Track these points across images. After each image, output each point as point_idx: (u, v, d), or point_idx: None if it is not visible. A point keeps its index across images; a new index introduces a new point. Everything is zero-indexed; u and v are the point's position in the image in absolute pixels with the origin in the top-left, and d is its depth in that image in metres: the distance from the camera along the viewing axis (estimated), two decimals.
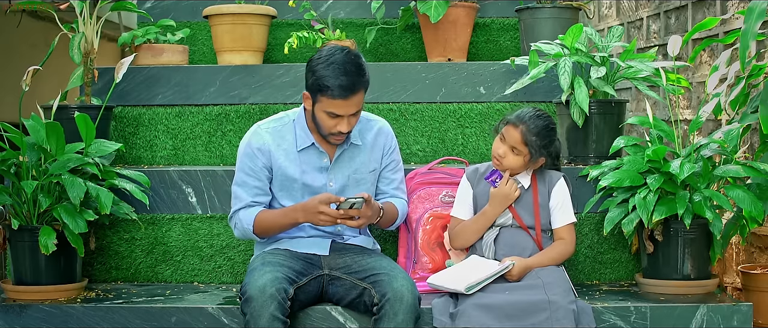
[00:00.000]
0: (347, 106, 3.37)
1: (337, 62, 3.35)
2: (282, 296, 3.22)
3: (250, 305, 3.20)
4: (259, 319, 3.17)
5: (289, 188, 3.53)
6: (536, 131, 3.46)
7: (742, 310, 3.44)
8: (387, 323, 3.23)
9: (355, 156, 3.58)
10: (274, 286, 3.21)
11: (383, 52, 5.04)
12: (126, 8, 4.22)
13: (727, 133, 3.68)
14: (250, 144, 3.52)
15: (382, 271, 3.34)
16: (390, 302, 3.24)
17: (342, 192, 3.55)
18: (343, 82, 3.33)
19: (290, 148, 3.52)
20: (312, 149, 3.53)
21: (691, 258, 3.61)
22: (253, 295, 3.20)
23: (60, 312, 3.51)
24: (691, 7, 5.26)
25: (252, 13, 4.55)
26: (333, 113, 3.38)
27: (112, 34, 7.31)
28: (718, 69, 3.90)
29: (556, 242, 3.55)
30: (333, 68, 3.34)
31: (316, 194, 3.49)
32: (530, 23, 4.53)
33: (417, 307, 3.27)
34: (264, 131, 3.54)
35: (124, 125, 4.40)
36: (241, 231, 3.54)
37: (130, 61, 3.90)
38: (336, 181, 3.55)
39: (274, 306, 3.18)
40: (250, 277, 3.29)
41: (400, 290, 3.25)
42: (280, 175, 3.52)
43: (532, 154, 3.48)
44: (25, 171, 3.61)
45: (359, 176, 3.58)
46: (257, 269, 3.33)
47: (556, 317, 3.20)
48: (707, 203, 3.53)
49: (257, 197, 3.53)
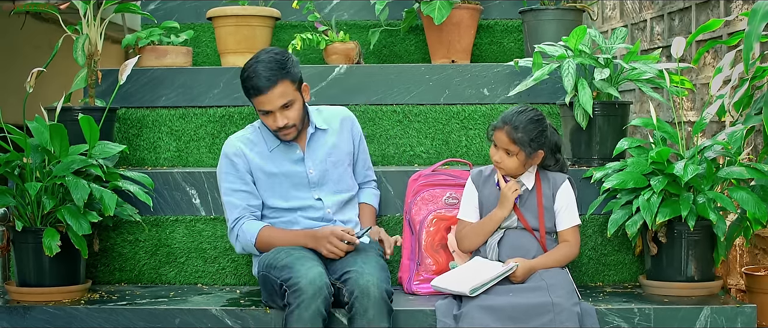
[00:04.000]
0: (271, 100, 3.51)
1: (251, 64, 3.53)
2: (329, 290, 3.26)
3: (299, 296, 3.20)
4: (306, 310, 3.18)
5: (272, 184, 3.62)
6: (521, 127, 3.46)
7: (746, 312, 3.43)
8: (359, 322, 3.23)
9: (326, 140, 3.69)
10: (323, 280, 3.25)
11: (387, 53, 5.04)
12: (130, 10, 4.22)
13: (731, 135, 3.68)
14: (226, 154, 3.65)
15: (352, 268, 3.34)
16: (358, 299, 3.24)
17: (323, 176, 3.65)
18: (247, 83, 3.52)
19: (263, 151, 3.65)
20: (282, 146, 3.65)
21: (695, 260, 3.61)
22: (303, 286, 3.21)
23: (64, 314, 3.51)
24: (695, 8, 5.25)
25: (256, 15, 4.56)
26: (263, 110, 3.54)
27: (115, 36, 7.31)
28: (721, 71, 3.89)
29: (561, 245, 3.55)
30: (250, 71, 3.52)
31: (297, 183, 3.62)
32: (534, 25, 4.53)
33: (386, 300, 3.25)
34: (236, 140, 3.68)
35: (128, 127, 4.41)
36: (243, 244, 3.58)
37: (134, 63, 3.90)
38: (315, 167, 3.65)
39: (321, 300, 3.21)
40: (296, 267, 3.29)
41: (366, 285, 3.24)
42: (260, 174, 3.62)
43: (525, 151, 3.47)
44: (28, 173, 3.61)
45: (336, 159, 3.69)
46: (298, 260, 3.34)
47: (559, 319, 3.20)
48: (711, 205, 3.52)
49: (249, 199, 3.61)
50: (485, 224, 3.55)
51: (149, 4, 5.15)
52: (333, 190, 3.67)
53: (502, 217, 3.52)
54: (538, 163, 3.56)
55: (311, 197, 3.64)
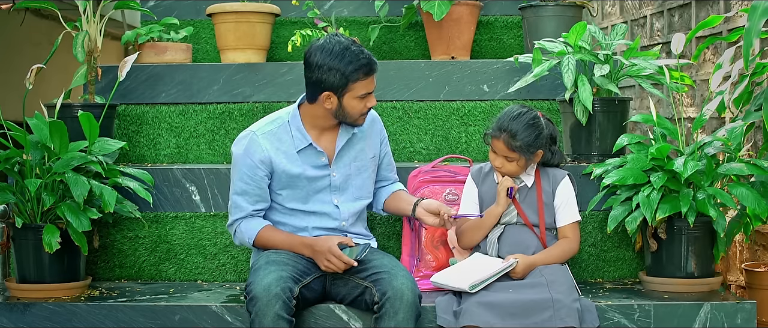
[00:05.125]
0: (373, 81, 3.41)
1: (344, 45, 3.36)
2: (287, 295, 3.22)
3: (255, 304, 3.20)
4: (264, 318, 3.17)
5: (293, 185, 3.52)
6: (519, 135, 3.44)
7: (746, 308, 3.44)
8: (387, 322, 3.23)
9: (354, 143, 3.58)
10: (279, 285, 3.21)
11: (387, 50, 5.04)
12: (129, 6, 4.22)
13: (731, 131, 3.68)
14: (250, 154, 3.47)
15: (383, 269, 3.34)
16: (390, 300, 3.24)
17: (346, 182, 3.55)
18: (364, 60, 3.36)
19: (289, 150, 3.50)
20: (309, 150, 3.51)
21: (695, 256, 3.61)
22: (258, 294, 3.20)
23: (64, 310, 3.51)
24: (695, 4, 5.25)
25: (255, 11, 4.56)
26: (365, 94, 3.40)
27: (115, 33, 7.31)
28: (721, 67, 3.89)
29: (561, 240, 3.55)
30: (349, 54, 3.35)
31: (319, 187, 3.52)
32: (534, 21, 4.53)
33: (417, 305, 3.27)
34: (261, 137, 3.48)
35: (128, 123, 4.41)
36: (241, 241, 3.55)
37: (134, 60, 3.90)
38: (338, 171, 3.54)
39: (279, 305, 3.18)
40: (254, 276, 3.29)
41: (400, 288, 3.25)
42: (283, 176, 3.50)
43: (525, 156, 3.48)
44: (28, 169, 3.61)
45: (360, 164, 3.58)
46: (262, 268, 3.32)
47: (559, 316, 3.20)
48: (711, 201, 3.52)
49: (257, 204, 3.52)
50: (484, 220, 3.55)
51: (149, 0, 5.15)
52: (354, 196, 3.58)
53: (499, 213, 3.52)
54: (536, 161, 3.56)
55: (331, 202, 3.54)
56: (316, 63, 3.37)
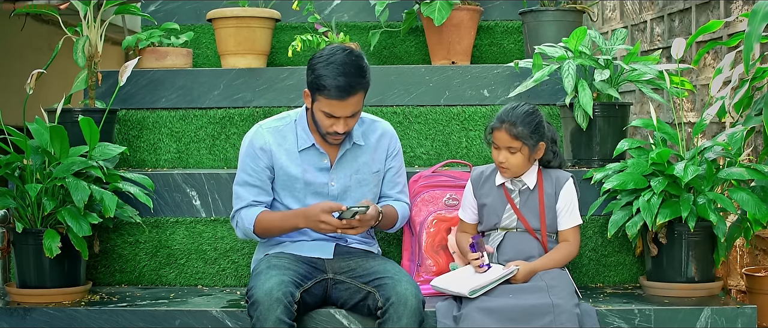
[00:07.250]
0: (344, 108, 3.36)
1: (337, 62, 3.33)
2: (288, 299, 3.22)
3: (256, 308, 3.20)
4: (266, 322, 3.17)
5: (291, 186, 3.53)
6: (519, 122, 3.45)
7: (747, 313, 3.43)
8: (391, 327, 3.23)
9: (357, 156, 3.57)
10: (280, 290, 3.22)
11: (387, 55, 5.04)
12: (130, 12, 4.22)
13: (731, 136, 3.68)
14: (253, 144, 3.52)
15: (386, 274, 3.34)
16: (394, 305, 3.24)
17: (344, 193, 3.55)
18: (340, 83, 3.31)
19: (291, 148, 3.52)
20: (312, 150, 3.52)
21: (695, 261, 3.61)
22: (259, 299, 3.20)
23: (64, 315, 3.51)
24: (695, 9, 5.25)
25: (256, 16, 4.56)
26: (329, 114, 3.37)
27: (116, 38, 7.32)
28: (721, 72, 3.89)
29: (561, 244, 3.54)
30: (332, 68, 3.33)
31: (317, 192, 3.51)
32: (534, 26, 4.53)
33: (421, 311, 3.27)
34: (266, 131, 3.54)
35: (128, 128, 4.41)
36: (243, 230, 3.54)
37: (134, 65, 3.90)
38: (338, 181, 3.54)
39: (280, 310, 3.18)
40: (255, 280, 3.29)
41: (404, 293, 3.25)
42: (282, 174, 3.52)
43: (528, 145, 3.47)
44: (29, 174, 3.61)
45: (362, 177, 3.57)
46: (263, 272, 3.33)
47: (559, 321, 3.20)
48: (711, 206, 3.52)
49: (259, 196, 3.52)
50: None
51: (149, 5, 5.15)
52: None
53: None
54: (540, 156, 3.56)
55: None
56: (310, 61, 3.41)
